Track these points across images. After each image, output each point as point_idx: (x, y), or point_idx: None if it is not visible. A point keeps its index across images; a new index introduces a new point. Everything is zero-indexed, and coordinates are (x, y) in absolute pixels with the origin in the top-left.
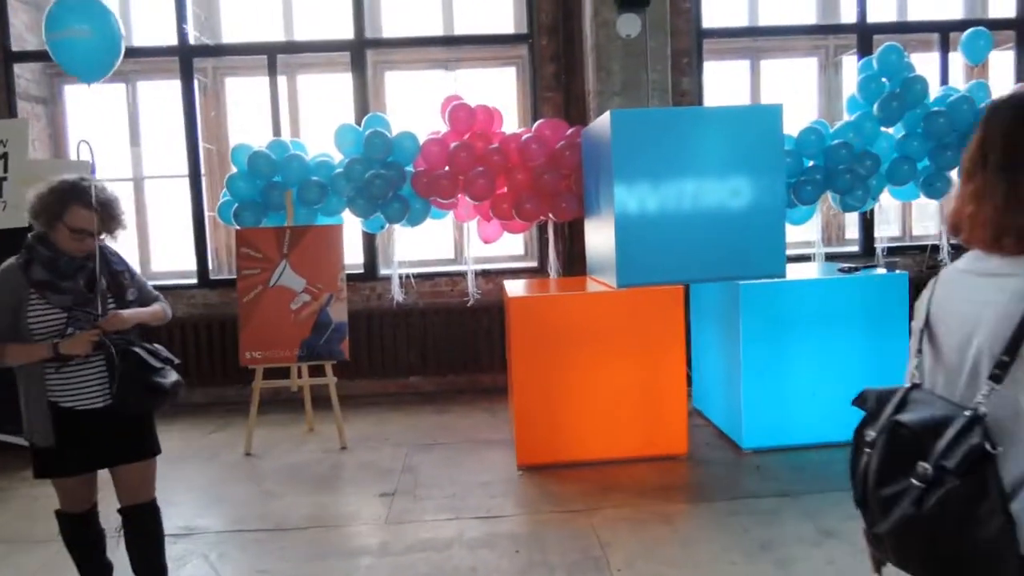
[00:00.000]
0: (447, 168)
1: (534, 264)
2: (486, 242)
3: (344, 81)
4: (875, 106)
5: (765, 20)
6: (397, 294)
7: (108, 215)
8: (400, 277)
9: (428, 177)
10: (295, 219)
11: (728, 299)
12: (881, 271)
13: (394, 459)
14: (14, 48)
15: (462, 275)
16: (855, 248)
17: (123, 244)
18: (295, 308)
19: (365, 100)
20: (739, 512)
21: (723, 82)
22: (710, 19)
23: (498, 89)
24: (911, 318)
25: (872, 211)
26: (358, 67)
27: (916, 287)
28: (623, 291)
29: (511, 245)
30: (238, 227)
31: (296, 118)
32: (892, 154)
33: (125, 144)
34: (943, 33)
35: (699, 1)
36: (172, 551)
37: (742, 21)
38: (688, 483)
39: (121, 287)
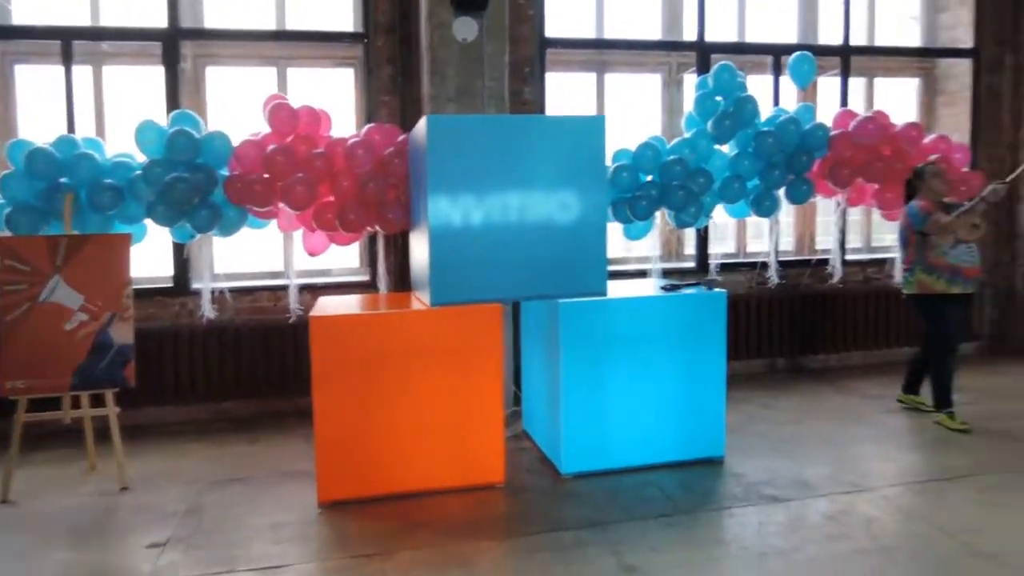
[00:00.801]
0: (263, 174)
1: (367, 279)
2: (311, 254)
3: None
4: (709, 124)
5: (611, 34)
6: (208, 310)
7: None
8: (212, 292)
9: (241, 182)
10: (86, 227)
11: (550, 317)
12: (703, 289)
13: (180, 500)
14: None
15: (286, 289)
16: (692, 264)
17: None
18: (69, 328)
19: (176, 96)
20: (543, 548)
21: (568, 94)
22: (554, 29)
23: (335, 91)
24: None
25: (706, 227)
26: (170, 60)
27: (746, 302)
28: (437, 310)
29: (347, 258)
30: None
31: (101, 114)
32: (725, 172)
33: None
34: (776, 56)
35: (543, 9)
36: None
37: (589, 33)
38: (500, 516)
39: None
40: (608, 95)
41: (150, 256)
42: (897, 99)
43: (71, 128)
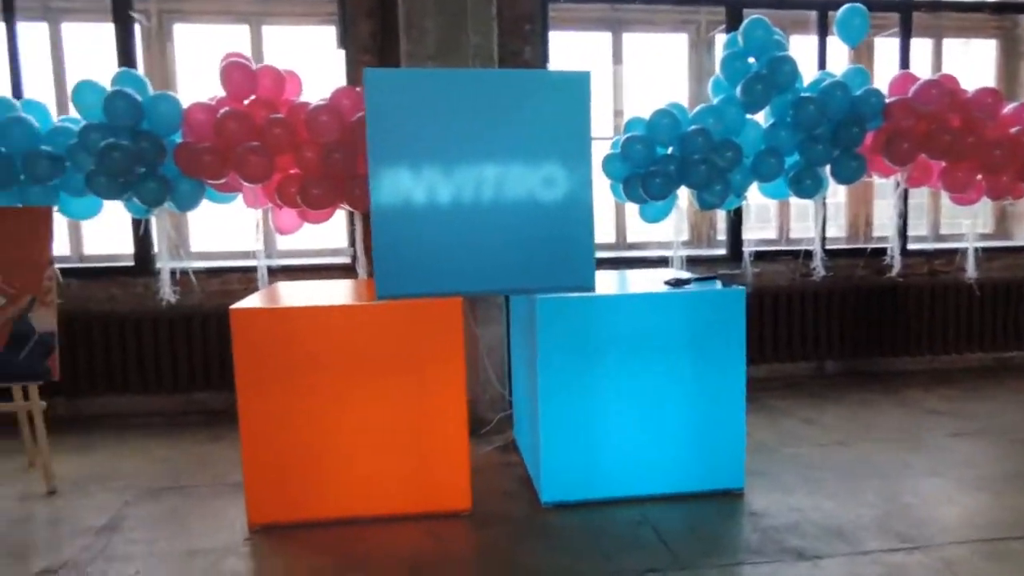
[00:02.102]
0: (214, 142)
1: (349, 261)
2: (281, 232)
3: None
4: (739, 88)
5: None
6: (167, 293)
7: None
8: (174, 273)
9: (189, 151)
10: (29, 200)
11: (528, 315)
12: (717, 285)
13: (102, 511)
14: None
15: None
16: (723, 251)
17: None
18: None
19: (130, 55)
20: None
21: (578, 55)
22: None
23: (316, 52)
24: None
25: (739, 209)
26: (121, 15)
27: (788, 296)
28: (384, 304)
29: (334, 237)
30: None
31: (62, 76)
32: (758, 145)
33: None
34: (822, 12)
35: None
36: None
37: None
38: (452, 558)
39: None
40: (626, 57)
41: (112, 233)
42: (970, 64)
43: (16, 91)
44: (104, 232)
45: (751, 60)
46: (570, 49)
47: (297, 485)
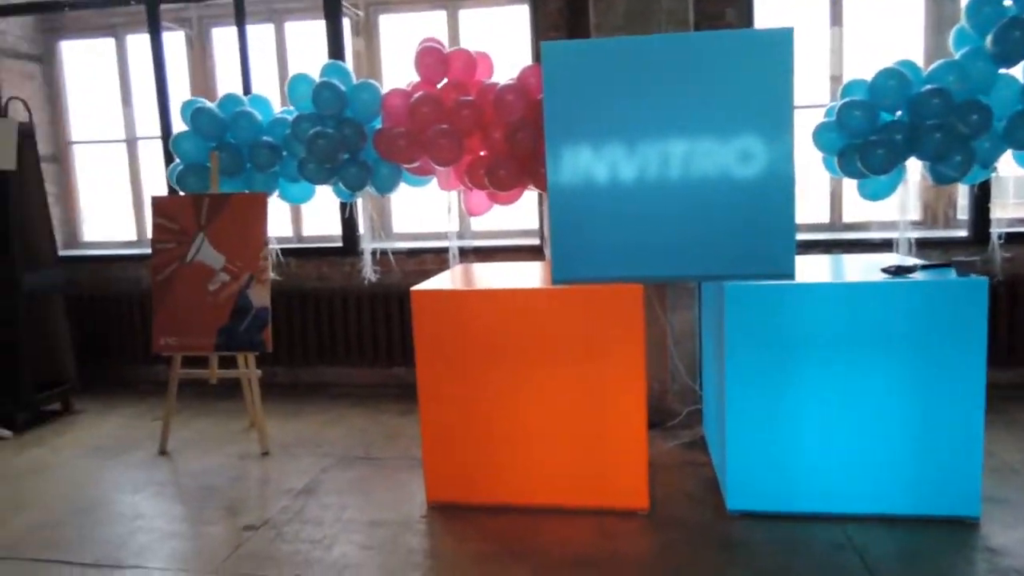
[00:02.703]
0: (407, 127)
1: (538, 242)
2: (472, 214)
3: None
4: (988, 38)
5: None
6: (369, 272)
7: None
8: (375, 253)
9: (386, 136)
10: (253, 186)
11: (717, 304)
12: (950, 274)
13: (304, 474)
14: None
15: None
16: (964, 232)
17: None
18: (212, 289)
19: (339, 47)
20: None
21: (786, 14)
22: None
23: (511, 32)
24: None
25: (986, 184)
26: (332, 9)
27: None
28: (559, 289)
29: (527, 218)
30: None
31: (284, 72)
32: (1015, 106)
33: (117, 103)
34: None
35: None
36: None
37: None
38: (626, 560)
39: None
40: (847, 14)
41: (326, 215)
42: None
43: (246, 88)
44: (320, 214)
45: (1007, 2)
46: (780, 13)
47: (472, 467)
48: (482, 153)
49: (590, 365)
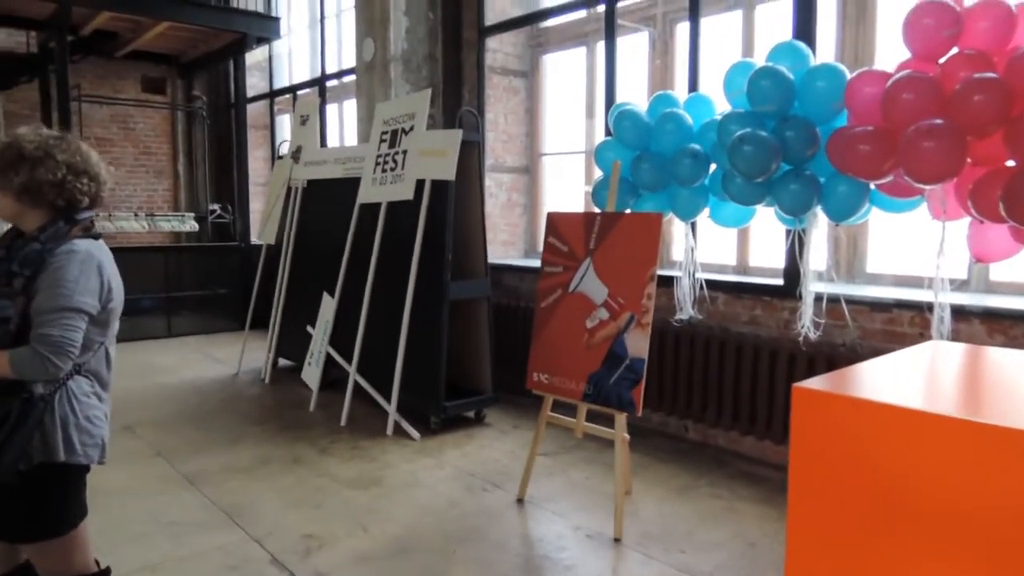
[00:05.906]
0: (874, 125)
1: None
2: (980, 260)
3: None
4: None
5: None
6: (807, 323)
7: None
8: (819, 299)
9: (842, 139)
10: (676, 207)
11: None
12: None
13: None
14: (491, 21)
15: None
16: None
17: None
18: (590, 327)
19: (810, 22)
20: None
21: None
22: None
23: None
24: None
25: None
26: None
27: None
28: None
29: None
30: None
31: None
32: None
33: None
34: None
35: None
36: None
37: None
38: None
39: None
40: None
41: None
42: None
43: (693, 86)
44: (772, 239)
45: None
46: None
47: None
48: (1010, 163)
49: None
